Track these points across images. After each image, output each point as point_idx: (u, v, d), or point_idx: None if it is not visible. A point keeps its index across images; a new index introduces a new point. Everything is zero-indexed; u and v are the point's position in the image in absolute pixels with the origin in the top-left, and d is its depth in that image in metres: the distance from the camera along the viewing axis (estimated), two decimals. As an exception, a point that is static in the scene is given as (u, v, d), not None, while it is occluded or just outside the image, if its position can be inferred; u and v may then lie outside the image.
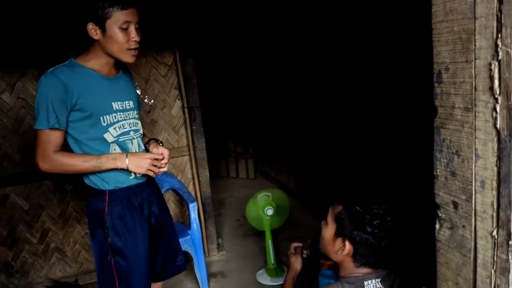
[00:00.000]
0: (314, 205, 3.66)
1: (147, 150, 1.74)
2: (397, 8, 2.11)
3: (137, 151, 1.67)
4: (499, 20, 0.65)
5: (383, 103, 2.43)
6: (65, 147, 1.58)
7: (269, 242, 2.79)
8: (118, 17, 1.47)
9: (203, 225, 3.03)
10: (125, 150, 1.62)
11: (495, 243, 0.73)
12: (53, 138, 1.50)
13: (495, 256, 0.73)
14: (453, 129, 0.77)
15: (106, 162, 1.53)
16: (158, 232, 1.79)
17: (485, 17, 0.67)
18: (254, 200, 2.80)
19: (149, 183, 1.74)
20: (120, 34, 1.49)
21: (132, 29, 1.51)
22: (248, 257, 3.11)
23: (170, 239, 1.87)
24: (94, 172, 1.56)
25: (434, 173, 0.84)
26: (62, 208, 2.82)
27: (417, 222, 1.68)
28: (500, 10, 0.64)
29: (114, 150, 1.60)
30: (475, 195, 0.75)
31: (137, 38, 1.52)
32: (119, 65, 1.69)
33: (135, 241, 1.64)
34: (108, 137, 1.58)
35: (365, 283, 1.32)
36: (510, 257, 0.70)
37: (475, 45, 0.70)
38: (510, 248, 0.70)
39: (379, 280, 1.33)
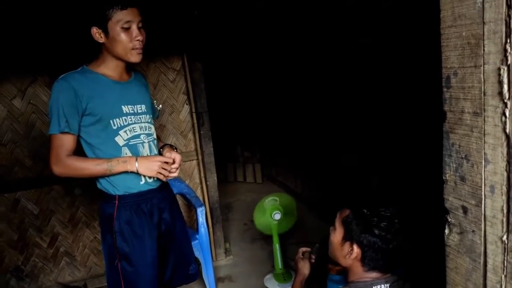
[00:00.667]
0: (322, 209, 3.65)
1: (160, 154, 1.74)
2: (406, 10, 2.11)
3: (149, 154, 1.66)
4: (508, 25, 0.65)
5: (390, 106, 2.42)
6: (80, 152, 1.60)
7: (276, 247, 2.79)
8: (118, 18, 1.48)
9: (210, 229, 3.04)
10: (136, 154, 1.62)
11: (505, 248, 0.72)
12: (65, 142, 1.52)
13: (505, 261, 0.73)
14: (462, 134, 0.77)
15: (116, 165, 1.54)
16: (169, 239, 1.78)
17: (494, 22, 0.67)
18: (262, 204, 2.80)
19: (162, 189, 1.73)
20: (123, 34, 1.50)
21: (134, 28, 1.52)
22: (255, 262, 3.11)
23: (182, 247, 1.86)
24: (105, 176, 1.58)
25: (443, 178, 0.84)
26: (71, 212, 2.85)
27: (426, 226, 1.67)
28: (509, 15, 0.65)
29: (126, 154, 1.60)
30: (484, 200, 0.75)
31: (140, 37, 1.53)
32: (131, 70, 1.71)
33: (142, 247, 1.64)
34: (119, 140, 1.59)
35: None
36: (520, 262, 0.70)
37: (484, 50, 0.70)
38: (520, 253, 0.69)
39: (388, 285, 1.32)
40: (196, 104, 2.92)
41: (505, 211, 0.71)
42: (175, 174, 1.67)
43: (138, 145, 1.64)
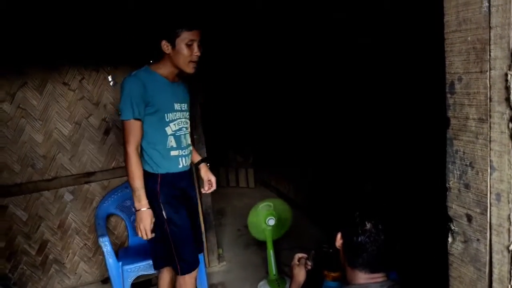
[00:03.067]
0: (315, 214, 3.64)
1: (196, 165, 2.26)
2: (407, 12, 2.11)
3: (185, 145, 2.03)
4: (515, 30, 0.64)
5: (388, 110, 2.42)
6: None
7: (270, 253, 2.76)
8: (185, 36, 1.84)
9: (203, 235, 2.99)
10: (178, 143, 1.98)
11: (511, 258, 0.71)
12: (136, 129, 1.86)
13: (511, 271, 0.71)
14: (466, 141, 0.76)
15: (138, 195, 1.87)
16: (195, 211, 2.23)
17: (501, 27, 0.66)
18: (256, 210, 2.77)
19: (190, 172, 2.15)
20: (186, 49, 1.86)
21: (195, 45, 1.87)
22: (249, 268, 3.08)
23: (197, 221, 2.26)
24: (133, 188, 1.88)
25: (447, 185, 0.82)
26: (61, 219, 2.80)
27: (425, 231, 1.66)
28: (516, 20, 0.63)
29: (171, 141, 1.96)
30: (490, 208, 0.73)
31: (198, 53, 1.89)
32: (180, 75, 2.03)
33: (182, 214, 2.01)
34: (168, 130, 1.94)
35: None
36: (528, 272, 0.68)
37: (490, 55, 0.68)
38: (528, 263, 0.68)
39: None
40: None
41: (511, 220, 0.69)
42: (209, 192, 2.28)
43: (181, 136, 2.00)
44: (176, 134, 1.98)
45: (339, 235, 1.39)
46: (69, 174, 2.77)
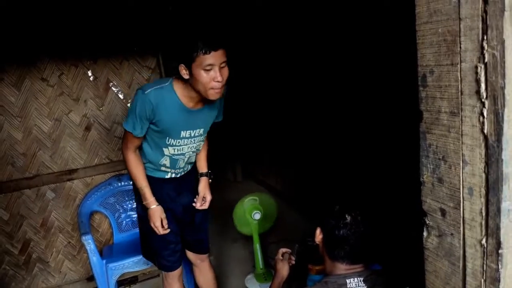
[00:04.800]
0: (302, 206, 3.64)
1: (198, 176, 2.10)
2: (381, 8, 2.09)
3: (182, 166, 1.95)
4: (484, 21, 0.62)
5: (372, 103, 2.41)
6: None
7: (257, 246, 2.76)
8: (201, 61, 1.56)
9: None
10: (173, 164, 1.90)
11: (484, 252, 0.70)
12: (133, 140, 1.80)
13: (484, 265, 0.71)
14: (439, 134, 0.75)
15: (144, 194, 1.85)
16: (187, 217, 2.07)
17: (470, 18, 0.64)
18: (241, 204, 2.76)
19: (183, 178, 2.00)
20: (204, 74, 1.58)
21: (216, 70, 1.58)
22: (236, 262, 3.07)
23: (198, 226, 2.14)
24: (137, 187, 1.88)
25: (421, 179, 0.81)
26: (44, 217, 2.75)
27: (401, 223, 1.66)
28: (485, 11, 0.62)
29: (165, 160, 1.87)
30: (463, 202, 0.72)
31: (219, 79, 1.59)
32: (207, 100, 1.76)
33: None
34: (166, 151, 1.85)
35: (347, 280, 1.31)
36: (500, 266, 0.68)
37: (460, 47, 0.67)
38: (499, 257, 0.67)
39: (361, 279, 1.33)
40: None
41: (484, 214, 0.69)
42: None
43: (179, 160, 1.90)
44: (174, 157, 1.88)
45: (318, 230, 1.40)
46: (50, 172, 2.72)
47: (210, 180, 2.10)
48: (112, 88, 2.81)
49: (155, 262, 2.06)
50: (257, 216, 2.73)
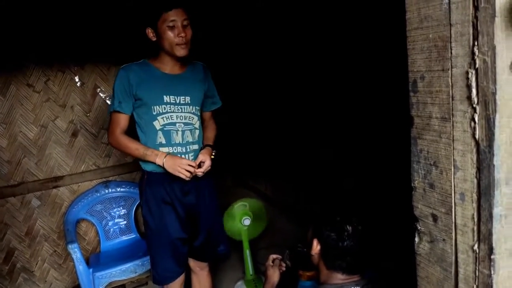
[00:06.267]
0: (292, 211, 3.63)
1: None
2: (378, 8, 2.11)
3: (180, 142, 1.87)
4: (475, 27, 0.63)
5: (365, 109, 2.42)
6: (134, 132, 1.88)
7: (247, 253, 2.73)
8: (165, 18, 1.74)
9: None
10: (168, 139, 1.85)
11: (476, 258, 0.70)
12: (118, 120, 1.83)
13: (476, 271, 0.71)
14: (430, 140, 0.75)
15: (149, 155, 1.80)
16: (195, 219, 1.98)
17: (461, 24, 0.64)
18: (231, 210, 2.74)
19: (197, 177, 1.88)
20: (169, 32, 1.75)
21: (178, 25, 1.75)
22: (225, 268, 3.04)
23: (211, 228, 2.05)
24: (142, 159, 1.84)
25: (412, 184, 0.81)
26: (28, 225, 2.69)
27: (397, 231, 1.66)
28: (476, 17, 0.62)
29: (160, 137, 1.84)
30: (455, 208, 0.72)
31: (183, 34, 1.75)
32: (186, 63, 1.92)
33: (163, 220, 1.88)
34: (156, 124, 1.83)
35: None
36: (492, 272, 0.67)
37: (451, 53, 0.67)
38: (492, 263, 0.67)
39: None
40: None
41: (475, 220, 0.69)
42: (200, 175, 1.86)
43: (172, 131, 1.86)
44: (165, 128, 1.84)
45: (315, 242, 1.35)
46: (36, 179, 2.67)
47: (213, 155, 1.96)
48: (100, 94, 2.78)
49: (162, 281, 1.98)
50: (247, 222, 2.71)
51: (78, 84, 2.71)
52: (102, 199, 2.72)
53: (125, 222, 2.79)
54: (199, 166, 1.85)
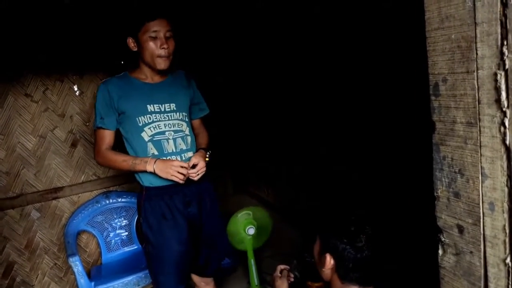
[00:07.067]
0: (296, 218, 3.58)
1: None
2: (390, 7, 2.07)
3: (174, 151, 1.79)
4: (503, 26, 0.59)
5: (369, 105, 2.38)
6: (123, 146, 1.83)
7: (251, 262, 2.68)
8: (147, 28, 1.67)
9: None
10: (160, 149, 1.77)
11: (509, 272, 0.65)
12: (103, 136, 1.77)
13: (509, 286, 0.66)
14: (454, 146, 0.70)
15: (139, 164, 1.72)
16: (197, 231, 1.90)
17: (488, 23, 0.60)
18: (235, 219, 2.68)
19: (189, 184, 1.79)
20: (151, 43, 1.68)
21: (160, 36, 1.68)
22: (230, 278, 2.98)
23: (214, 240, 1.97)
24: (131, 171, 1.77)
25: (435, 194, 0.77)
26: (28, 238, 2.63)
27: (412, 241, 1.62)
28: (504, 15, 0.58)
29: (151, 149, 1.76)
30: (483, 219, 0.68)
31: (165, 46, 1.69)
32: (168, 72, 1.85)
33: (164, 235, 1.79)
34: (144, 136, 1.76)
35: None
36: (527, 286, 0.63)
37: (476, 54, 0.63)
38: (527, 277, 0.63)
39: None
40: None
41: (507, 231, 0.64)
42: (195, 178, 1.77)
43: (163, 141, 1.78)
44: (155, 139, 1.76)
45: (328, 257, 1.27)
46: (35, 191, 2.62)
47: (207, 157, 1.88)
48: (99, 102, 2.73)
49: None
50: (251, 231, 2.65)
51: (77, 93, 2.67)
52: (103, 210, 2.67)
53: (126, 233, 2.73)
54: (193, 168, 1.77)
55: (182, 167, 1.70)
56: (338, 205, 2.67)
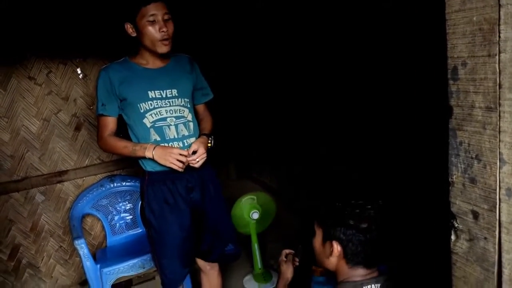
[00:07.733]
0: (299, 203, 3.59)
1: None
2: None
3: (176, 137, 1.79)
4: (529, 7, 0.57)
5: (371, 98, 2.36)
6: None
7: (255, 247, 2.70)
8: (144, 12, 1.64)
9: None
10: (161, 135, 1.77)
11: (524, 258, 0.65)
12: (105, 123, 1.78)
13: (524, 272, 0.66)
14: (472, 131, 0.69)
15: (138, 150, 1.73)
16: (200, 217, 1.90)
17: (513, 4, 0.59)
18: (239, 204, 2.69)
19: (192, 170, 1.78)
20: (150, 27, 1.66)
21: (159, 20, 1.66)
22: (234, 263, 3.01)
23: (217, 226, 1.97)
24: (132, 157, 1.78)
25: (450, 179, 0.76)
26: (33, 221, 2.65)
27: (421, 226, 1.62)
28: (531, -4, 0.56)
29: (153, 135, 1.76)
30: (499, 204, 0.67)
31: (164, 29, 1.66)
32: (169, 56, 1.82)
33: (166, 220, 1.81)
34: (146, 122, 1.76)
35: None
36: (542, 273, 0.63)
37: (499, 37, 0.61)
38: (543, 264, 0.62)
39: (378, 285, 1.26)
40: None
41: (524, 217, 0.64)
42: (196, 165, 1.76)
43: (164, 127, 1.77)
44: (156, 125, 1.76)
45: (335, 244, 1.26)
46: (39, 174, 2.62)
47: (210, 143, 1.87)
48: (103, 86, 2.71)
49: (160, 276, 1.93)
50: (256, 215, 2.67)
51: (81, 76, 2.65)
52: (108, 194, 2.68)
53: (131, 216, 2.75)
54: (193, 154, 1.75)
55: (181, 154, 1.70)
56: (336, 195, 2.67)
